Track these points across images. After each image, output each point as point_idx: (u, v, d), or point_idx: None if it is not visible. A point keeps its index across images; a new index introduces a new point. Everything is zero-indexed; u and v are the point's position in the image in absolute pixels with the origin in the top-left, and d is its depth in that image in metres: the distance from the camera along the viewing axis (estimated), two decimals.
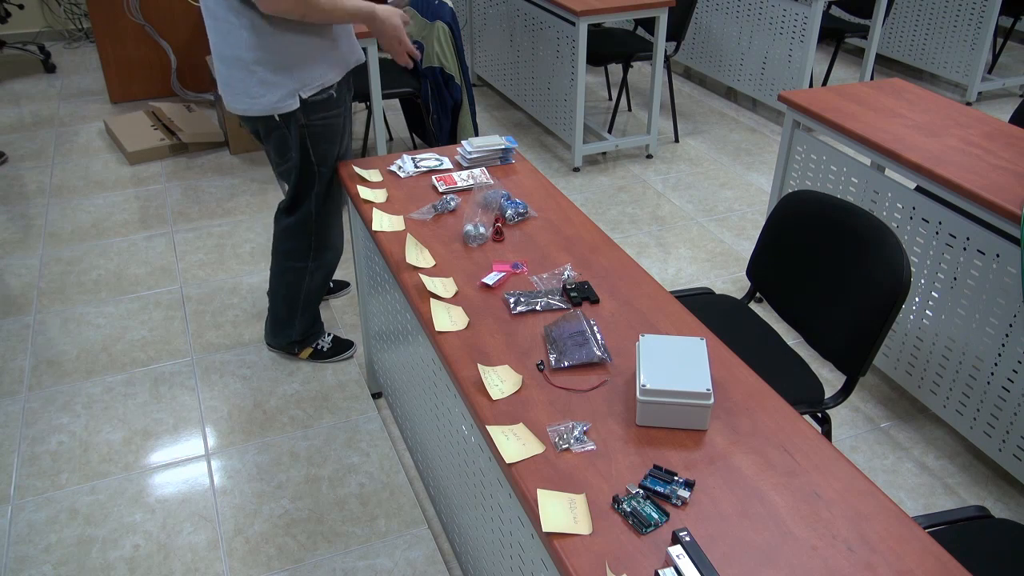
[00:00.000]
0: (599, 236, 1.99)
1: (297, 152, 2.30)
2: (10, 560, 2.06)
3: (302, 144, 2.28)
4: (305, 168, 2.34)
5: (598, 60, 4.16)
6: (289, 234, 2.50)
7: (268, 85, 2.16)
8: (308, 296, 2.62)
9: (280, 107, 2.20)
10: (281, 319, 2.68)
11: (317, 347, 2.74)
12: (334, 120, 2.30)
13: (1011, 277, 2.14)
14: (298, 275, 2.55)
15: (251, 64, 2.14)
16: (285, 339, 2.72)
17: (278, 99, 2.19)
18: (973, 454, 2.43)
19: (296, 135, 2.26)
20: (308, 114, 2.24)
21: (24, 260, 3.32)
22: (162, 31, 4.72)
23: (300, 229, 2.47)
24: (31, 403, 2.58)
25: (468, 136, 3.83)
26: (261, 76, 2.15)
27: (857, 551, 1.18)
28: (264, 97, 2.18)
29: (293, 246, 2.51)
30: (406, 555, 2.08)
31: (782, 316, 2.08)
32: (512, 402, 1.46)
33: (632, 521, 1.22)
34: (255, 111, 2.21)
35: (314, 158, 2.31)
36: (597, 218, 3.67)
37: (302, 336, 2.71)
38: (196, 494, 2.26)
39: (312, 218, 2.45)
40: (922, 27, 4.97)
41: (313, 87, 2.21)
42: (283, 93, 2.18)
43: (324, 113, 2.26)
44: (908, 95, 2.78)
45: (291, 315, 2.65)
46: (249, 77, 2.16)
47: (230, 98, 2.23)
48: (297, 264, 2.54)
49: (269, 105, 2.19)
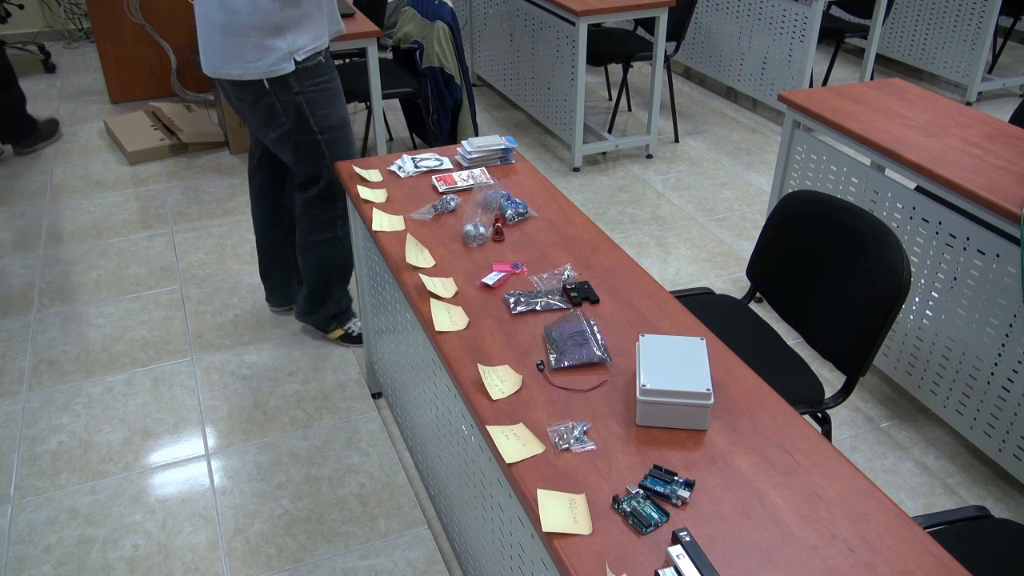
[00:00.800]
0: (599, 236, 1.99)
1: (295, 123, 2.32)
2: (10, 560, 2.07)
3: (300, 114, 2.31)
4: (307, 139, 2.36)
5: (598, 60, 4.16)
6: (317, 206, 2.51)
7: (262, 49, 2.20)
8: (343, 265, 2.65)
9: (275, 70, 2.23)
10: (317, 295, 2.70)
11: (348, 330, 2.76)
12: (328, 84, 2.34)
13: (1011, 277, 2.14)
14: (328, 246, 2.58)
15: (246, 29, 2.18)
16: (324, 314, 2.74)
17: (273, 62, 2.22)
18: (973, 454, 2.43)
19: (288, 104, 2.29)
20: (302, 82, 2.28)
21: (24, 260, 3.32)
22: (162, 31, 4.73)
23: (328, 198, 2.49)
24: (31, 403, 2.58)
25: (468, 136, 3.83)
26: (256, 40, 2.19)
27: (857, 551, 1.18)
28: (260, 61, 2.21)
29: (321, 218, 2.53)
30: (406, 555, 2.08)
31: (782, 316, 2.08)
32: (512, 402, 1.46)
33: (632, 521, 1.22)
34: (250, 75, 2.24)
35: (316, 126, 2.34)
36: (597, 218, 3.67)
37: (336, 311, 2.73)
38: (196, 494, 2.26)
39: (331, 187, 2.46)
40: (922, 27, 4.97)
41: (306, 50, 2.24)
42: (277, 57, 2.22)
43: (318, 79, 2.30)
44: (908, 95, 2.78)
45: (326, 289, 2.68)
46: (244, 42, 2.20)
47: (221, 64, 2.25)
48: (327, 235, 2.56)
49: (265, 68, 2.22)
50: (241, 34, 2.19)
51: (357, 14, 3.52)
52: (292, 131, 2.35)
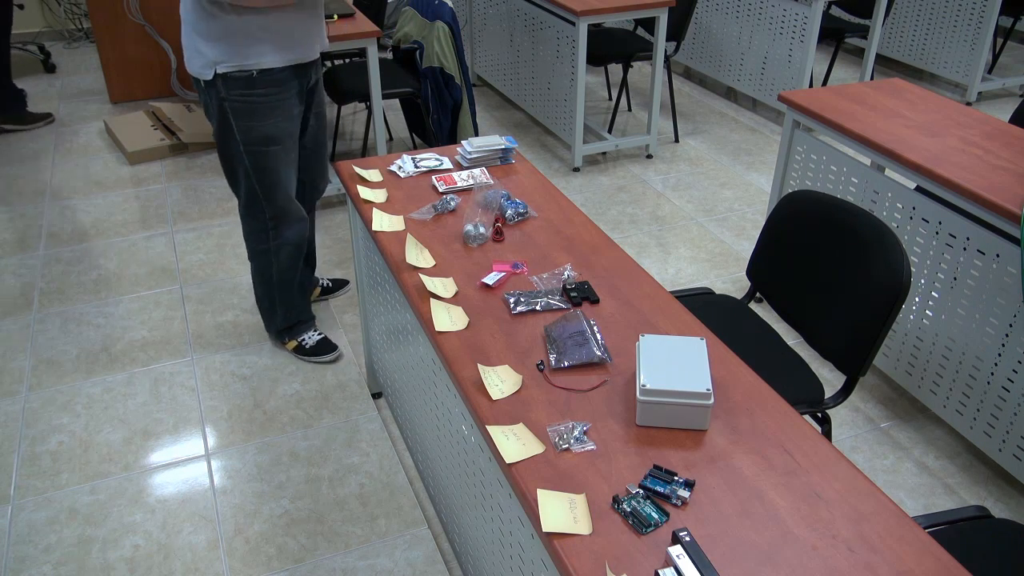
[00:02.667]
0: (599, 236, 1.99)
1: (217, 124, 2.37)
2: (10, 560, 2.06)
3: (223, 116, 2.35)
4: (227, 141, 2.39)
5: (598, 60, 4.16)
6: (244, 215, 2.56)
7: (194, 50, 2.28)
8: (280, 277, 2.64)
9: (200, 74, 2.30)
10: (264, 306, 2.73)
11: (302, 342, 2.76)
12: (255, 98, 2.33)
13: (1011, 277, 2.14)
14: (263, 257, 2.61)
15: (188, 27, 2.26)
16: (272, 327, 2.76)
17: (199, 66, 2.29)
18: (973, 454, 2.43)
19: (215, 106, 2.34)
20: (227, 88, 2.30)
21: (24, 260, 3.32)
22: (162, 31, 4.72)
23: (250, 208, 2.52)
24: (31, 403, 2.58)
25: (468, 136, 3.83)
26: (192, 41, 2.27)
27: (857, 551, 1.18)
28: (193, 61, 2.29)
29: (251, 227, 2.57)
30: (406, 555, 2.08)
31: (782, 316, 2.08)
32: (512, 402, 1.46)
33: (632, 521, 1.22)
34: (190, 71, 2.32)
35: (237, 135, 2.36)
36: (597, 218, 3.67)
37: (285, 324, 2.74)
38: (196, 494, 2.26)
39: (257, 195, 2.48)
40: (922, 27, 4.97)
41: (227, 64, 2.26)
42: (202, 62, 2.27)
43: (242, 91, 2.31)
44: (908, 95, 2.78)
45: (270, 301, 2.70)
46: (186, 38, 2.29)
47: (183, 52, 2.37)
48: (260, 246, 2.59)
49: (195, 70, 2.30)
50: (186, 31, 2.28)
51: (357, 14, 3.52)
52: (217, 134, 2.40)
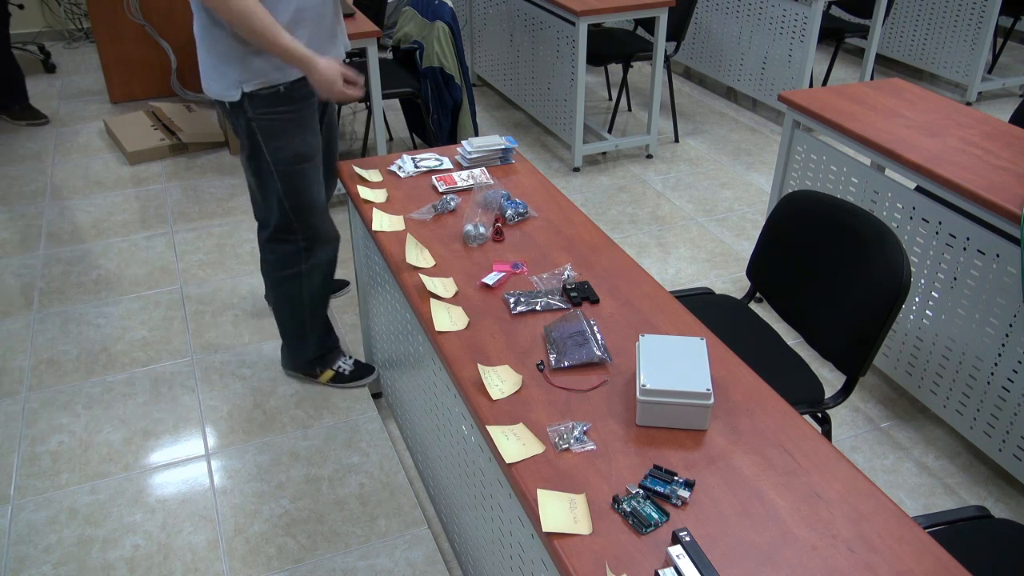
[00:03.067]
0: (599, 236, 1.99)
1: (248, 145, 2.27)
2: (10, 560, 2.06)
3: (251, 137, 2.24)
4: (259, 163, 2.28)
5: (598, 60, 4.16)
6: (274, 241, 2.39)
7: (217, 71, 2.18)
8: (313, 302, 2.48)
9: (225, 95, 2.19)
10: (292, 337, 2.55)
11: (338, 369, 2.60)
12: (284, 116, 2.23)
13: (1011, 277, 2.14)
14: (294, 282, 2.43)
15: (206, 50, 2.16)
16: (303, 359, 2.58)
17: (223, 88, 2.18)
18: (973, 454, 2.43)
19: (243, 128, 2.24)
20: (254, 107, 2.20)
21: (24, 260, 3.32)
22: (162, 31, 4.72)
23: (282, 233, 2.36)
24: (31, 403, 2.58)
25: (468, 136, 3.83)
26: (211, 62, 2.17)
27: (857, 551, 1.18)
28: (215, 83, 2.19)
29: (281, 253, 2.40)
30: (406, 555, 2.08)
31: (782, 316, 2.08)
32: (512, 402, 1.46)
33: (632, 521, 1.22)
34: (211, 94, 2.22)
35: (268, 155, 2.25)
36: (597, 218, 3.67)
37: (318, 352, 2.57)
38: (196, 494, 2.26)
39: (290, 219, 2.34)
40: (922, 27, 4.97)
41: (254, 82, 2.16)
42: (227, 83, 2.17)
43: (268, 109, 2.20)
44: (908, 95, 2.78)
45: (300, 329, 2.52)
46: (205, 60, 2.19)
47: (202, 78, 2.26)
48: (289, 271, 2.42)
49: (218, 91, 2.19)
50: (204, 52, 2.18)
51: (357, 14, 3.52)
52: (250, 155, 2.28)
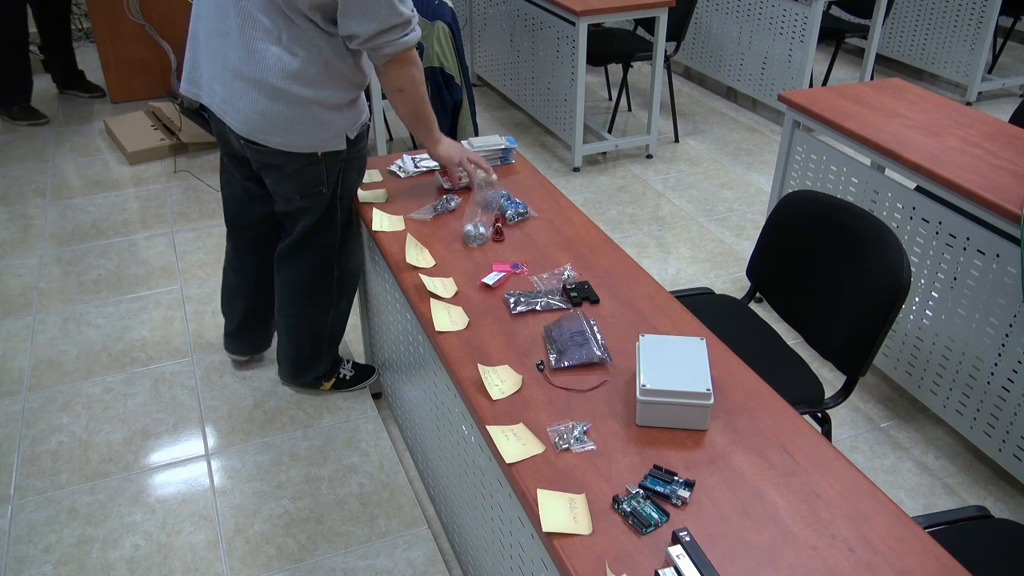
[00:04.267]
0: (599, 236, 1.99)
1: (331, 188, 2.13)
2: (10, 560, 2.06)
3: (338, 180, 2.14)
4: (329, 203, 2.17)
5: (598, 60, 4.16)
6: (307, 276, 2.30)
7: (318, 124, 2.00)
8: (336, 327, 2.45)
9: (328, 146, 2.05)
10: (307, 357, 2.49)
11: (340, 376, 2.57)
12: (365, 148, 2.20)
13: (1011, 277, 2.14)
14: (322, 311, 2.37)
15: (308, 102, 1.97)
16: (312, 375, 2.53)
17: (325, 139, 2.03)
18: (973, 454, 2.43)
19: (333, 172, 2.11)
20: (349, 149, 2.10)
21: (24, 260, 3.32)
22: (162, 31, 4.72)
23: (320, 268, 2.28)
24: (31, 403, 2.58)
25: (468, 136, 3.83)
26: (314, 112, 1.98)
27: (857, 551, 1.18)
28: (308, 136, 2.01)
29: (314, 286, 2.31)
30: (406, 555, 2.08)
31: (782, 316, 2.08)
32: (512, 402, 1.46)
33: (632, 521, 1.22)
34: (295, 147, 2.03)
35: (340, 191, 2.17)
36: (597, 218, 3.67)
37: (328, 368, 2.54)
38: (196, 494, 2.26)
39: (333, 252, 2.26)
40: (922, 27, 4.97)
41: (358, 126, 2.10)
42: (330, 134, 2.03)
43: (358, 145, 2.14)
44: (908, 95, 2.78)
45: (317, 351, 2.47)
46: (302, 112, 1.98)
47: (265, 131, 2.00)
48: (320, 301, 2.34)
49: (314, 146, 2.03)
50: (300, 104, 1.96)
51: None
52: (329, 197, 2.15)
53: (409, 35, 1.93)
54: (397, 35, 1.91)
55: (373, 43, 1.91)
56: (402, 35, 1.91)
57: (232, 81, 2.00)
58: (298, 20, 1.89)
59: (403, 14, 1.89)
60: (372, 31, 1.87)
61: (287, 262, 2.31)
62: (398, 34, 1.91)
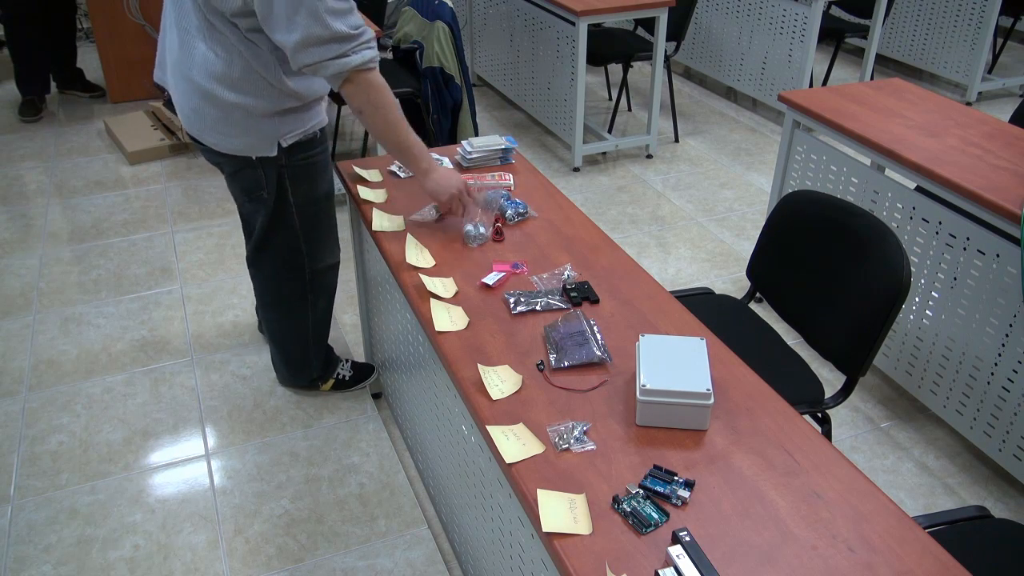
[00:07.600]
0: (599, 236, 1.99)
1: (272, 193, 2.09)
2: (10, 560, 2.06)
3: (280, 184, 2.08)
4: (280, 209, 2.12)
5: (598, 60, 4.16)
6: (280, 277, 2.28)
7: (248, 131, 1.95)
8: (317, 327, 2.43)
9: (256, 151, 2.00)
10: (295, 360, 2.49)
11: (338, 376, 2.57)
12: (318, 157, 2.12)
13: (1011, 277, 2.14)
14: (300, 313, 2.36)
15: (231, 106, 1.92)
16: (305, 378, 2.53)
17: (251, 144, 1.98)
18: (973, 454, 2.43)
19: (271, 177, 2.06)
20: (289, 155, 2.04)
21: (24, 260, 3.32)
22: None
23: (287, 269, 2.26)
24: (31, 403, 2.58)
25: (468, 136, 3.83)
26: (238, 118, 1.93)
27: (857, 551, 1.18)
28: (238, 140, 1.97)
29: (287, 290, 2.30)
30: (406, 555, 2.08)
31: (782, 316, 2.08)
32: (512, 402, 1.46)
33: (632, 521, 1.22)
34: (225, 149, 2.00)
35: (293, 199, 2.11)
36: (597, 218, 3.67)
37: (322, 370, 2.54)
38: (196, 494, 2.26)
39: (300, 253, 2.23)
40: (922, 27, 4.97)
41: (295, 134, 2.01)
42: (256, 139, 1.98)
43: (304, 153, 2.07)
44: (908, 95, 2.78)
45: (305, 353, 2.47)
46: (227, 114, 1.94)
47: (197, 128, 1.99)
48: (296, 303, 2.34)
49: (245, 150, 1.99)
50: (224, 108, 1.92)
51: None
52: (274, 202, 2.12)
53: (351, 56, 1.77)
54: (333, 52, 1.76)
55: (304, 58, 1.76)
56: (340, 54, 1.76)
57: (175, 75, 2.00)
58: (219, 24, 1.83)
59: (331, 27, 1.73)
60: (295, 41, 1.74)
61: (253, 262, 2.33)
62: (334, 51, 1.76)
